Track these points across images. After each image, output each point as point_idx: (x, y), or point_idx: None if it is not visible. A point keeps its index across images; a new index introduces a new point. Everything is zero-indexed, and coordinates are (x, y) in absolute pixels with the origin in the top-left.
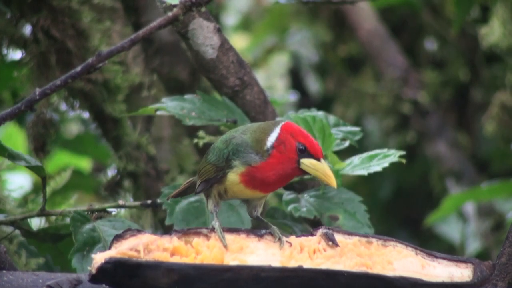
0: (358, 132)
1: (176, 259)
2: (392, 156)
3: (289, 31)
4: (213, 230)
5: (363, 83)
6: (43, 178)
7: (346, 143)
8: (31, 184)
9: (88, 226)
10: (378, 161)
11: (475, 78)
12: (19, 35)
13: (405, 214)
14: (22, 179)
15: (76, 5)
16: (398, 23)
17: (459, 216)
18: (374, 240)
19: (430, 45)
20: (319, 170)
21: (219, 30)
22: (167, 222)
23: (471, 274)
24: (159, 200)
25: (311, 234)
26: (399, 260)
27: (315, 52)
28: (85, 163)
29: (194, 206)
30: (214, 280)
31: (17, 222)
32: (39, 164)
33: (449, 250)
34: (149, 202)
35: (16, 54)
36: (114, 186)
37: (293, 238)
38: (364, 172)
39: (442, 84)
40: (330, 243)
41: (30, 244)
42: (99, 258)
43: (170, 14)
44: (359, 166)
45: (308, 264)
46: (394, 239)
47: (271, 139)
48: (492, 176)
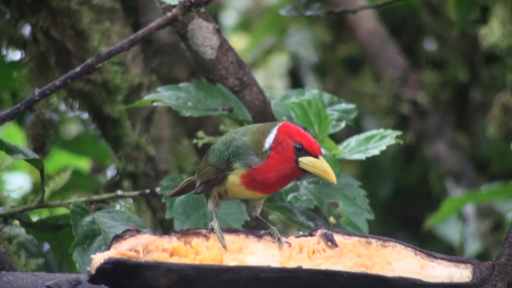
0: (353, 109)
1: (175, 260)
2: (389, 137)
3: (288, 32)
4: (212, 230)
5: (363, 84)
6: (41, 171)
7: (342, 124)
8: (31, 184)
9: (87, 219)
10: (375, 143)
11: (475, 79)
12: (19, 36)
13: (404, 214)
14: (21, 180)
15: (75, 5)
16: (397, 24)
17: (459, 216)
18: (373, 240)
19: (430, 45)
20: (318, 167)
21: (218, 31)
22: (167, 215)
23: (471, 274)
24: (159, 192)
25: (311, 235)
26: (399, 260)
27: (314, 52)
28: (84, 164)
29: (194, 198)
30: (213, 280)
31: (16, 214)
32: (37, 156)
33: (448, 251)
34: (147, 191)
35: (15, 55)
36: (113, 186)
37: (292, 239)
38: (361, 156)
39: (442, 84)
40: (329, 244)
41: (29, 233)
42: (98, 259)
43: (169, 14)
44: (356, 149)
45: (307, 264)
46: (394, 240)
47: (269, 141)
48: (491, 176)
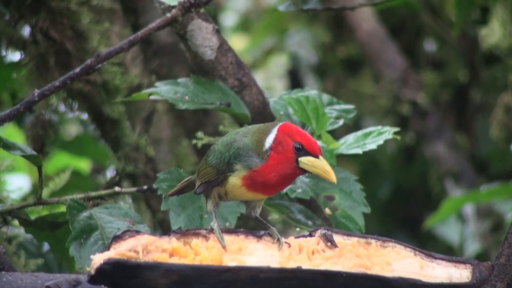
0: (352, 110)
1: (175, 260)
2: (386, 133)
3: (288, 32)
4: (212, 231)
5: (362, 84)
6: (39, 167)
7: (340, 122)
8: (30, 185)
9: (84, 214)
10: (373, 138)
11: (475, 79)
12: (18, 37)
13: (404, 214)
14: (21, 181)
15: (75, 6)
16: (397, 24)
17: (458, 217)
18: (373, 241)
19: (430, 46)
20: (318, 167)
21: (218, 31)
22: (163, 207)
23: (470, 275)
24: (155, 185)
25: (310, 235)
26: (398, 261)
27: (314, 53)
28: (84, 164)
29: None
30: (213, 281)
31: (14, 211)
32: (34, 153)
33: (448, 251)
34: (145, 187)
35: (15, 56)
36: (113, 187)
37: (292, 239)
38: (359, 151)
39: (441, 85)
40: (329, 244)
41: (28, 232)
42: (98, 259)
43: (169, 15)
44: (354, 144)
45: (307, 265)
46: (393, 240)
47: (269, 141)
48: (491, 177)
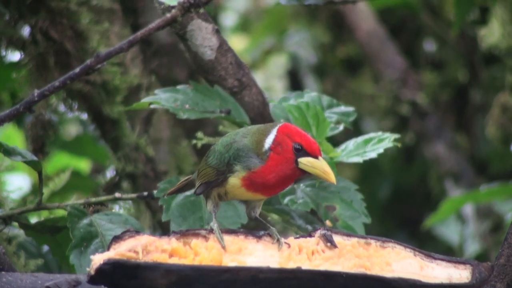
0: (352, 112)
1: (174, 260)
2: (387, 140)
3: (287, 32)
4: (211, 231)
5: (362, 84)
6: (39, 173)
7: (341, 127)
8: (30, 185)
9: (85, 221)
10: (373, 146)
11: (474, 79)
12: (18, 37)
13: (403, 215)
14: (20, 180)
15: (74, 6)
16: (397, 24)
17: (458, 217)
18: (372, 241)
19: (429, 46)
20: (318, 168)
21: (218, 31)
22: (164, 218)
23: (470, 275)
24: (156, 195)
25: (310, 236)
26: (398, 261)
27: (314, 53)
28: (84, 164)
29: (191, 201)
30: (213, 281)
31: (14, 216)
32: (35, 158)
33: (447, 252)
34: (145, 194)
35: (14, 56)
36: (112, 187)
37: (291, 239)
38: (359, 159)
39: (441, 85)
40: (329, 245)
41: (28, 236)
42: (98, 259)
43: (169, 15)
44: (354, 152)
45: (306, 265)
46: (393, 241)
47: (269, 141)
48: (490, 177)
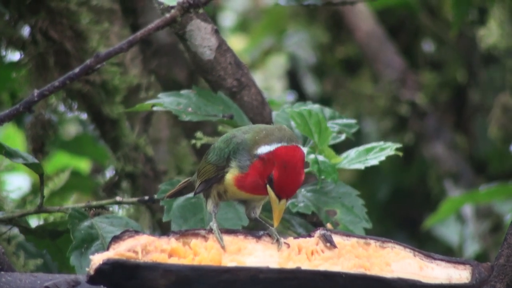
0: (354, 124)
1: (174, 261)
2: (388, 149)
3: (286, 33)
4: (211, 231)
5: (361, 85)
6: (41, 175)
7: (342, 136)
8: (30, 185)
9: (86, 223)
10: (375, 154)
11: (473, 80)
12: (18, 37)
13: (403, 215)
14: (20, 180)
15: (74, 6)
16: (395, 25)
17: (458, 217)
18: (372, 241)
19: (428, 46)
20: (273, 206)
21: (217, 32)
22: (165, 219)
23: (470, 275)
24: (157, 196)
25: (309, 236)
26: (397, 261)
27: (313, 53)
28: (83, 164)
29: (192, 203)
30: (212, 281)
31: (15, 219)
32: (36, 161)
33: (447, 252)
34: (146, 198)
35: (14, 56)
36: (112, 187)
37: (291, 240)
38: (361, 166)
39: (440, 85)
40: (328, 245)
41: (29, 241)
42: (97, 259)
43: (168, 15)
44: (356, 159)
45: (306, 265)
46: (392, 241)
47: (263, 150)
48: (490, 177)
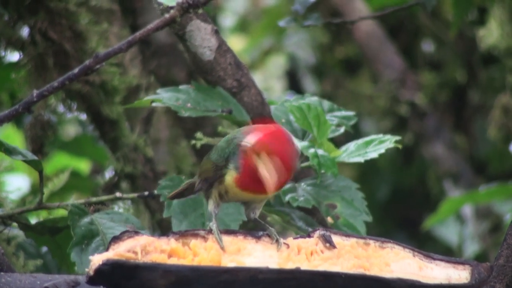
0: (352, 116)
1: (173, 261)
2: (388, 141)
3: (286, 33)
4: (210, 231)
5: (360, 85)
6: (40, 172)
7: (341, 129)
8: (29, 186)
9: (86, 219)
10: (374, 147)
11: (473, 80)
12: (17, 37)
13: (402, 215)
14: (20, 181)
15: (73, 7)
16: (395, 25)
17: (457, 218)
18: (371, 241)
19: (428, 46)
20: (262, 173)
21: (217, 32)
22: (165, 215)
23: (469, 276)
24: (157, 192)
25: (309, 236)
26: (397, 261)
27: (312, 53)
28: (83, 165)
29: (192, 198)
30: (212, 282)
31: (14, 216)
32: (36, 158)
33: (446, 252)
34: (146, 193)
35: (13, 56)
36: (111, 187)
37: (290, 240)
38: (360, 159)
39: (440, 85)
40: (328, 245)
41: (28, 237)
42: (97, 260)
43: (167, 15)
44: (355, 152)
45: (305, 265)
46: (392, 241)
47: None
48: (489, 177)
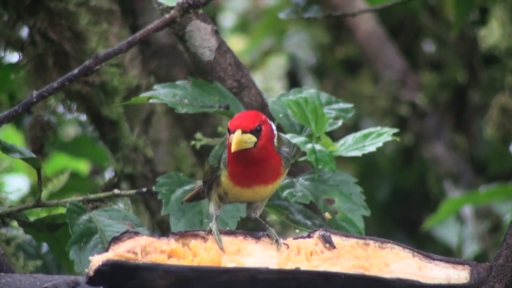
0: (350, 109)
1: (173, 261)
2: (386, 134)
3: (286, 33)
4: (210, 232)
5: (361, 85)
6: (38, 170)
7: (339, 123)
8: (29, 186)
9: (84, 217)
10: (372, 140)
11: (473, 80)
12: (16, 38)
13: (402, 216)
14: (19, 181)
15: (73, 7)
16: (396, 25)
17: (457, 218)
18: (371, 242)
19: (428, 47)
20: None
21: (217, 32)
22: (163, 212)
23: (468, 276)
24: (155, 189)
25: (308, 236)
26: (396, 262)
27: (313, 54)
28: (82, 166)
29: None
30: (211, 282)
31: (13, 213)
32: (34, 155)
33: (446, 252)
34: (144, 190)
35: (13, 57)
36: (111, 188)
37: (290, 240)
38: (358, 153)
39: (440, 86)
40: (327, 245)
41: (27, 233)
42: (97, 260)
43: (167, 16)
44: (353, 146)
45: (305, 266)
46: (391, 241)
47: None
48: (489, 178)
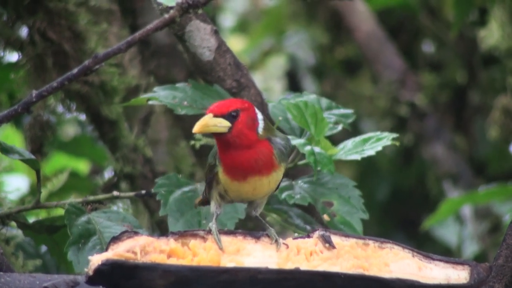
0: (350, 114)
1: (173, 261)
2: (385, 139)
3: (286, 33)
4: (209, 232)
5: (360, 86)
6: (37, 171)
7: (339, 127)
8: (28, 186)
9: (83, 219)
10: (372, 144)
11: (473, 81)
12: (16, 37)
13: (402, 216)
14: (19, 182)
15: (72, 7)
16: (395, 25)
17: (456, 218)
18: (370, 242)
19: (428, 47)
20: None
21: (216, 32)
22: (161, 213)
23: (468, 276)
24: (154, 190)
25: (308, 236)
26: (396, 262)
27: (312, 54)
28: (82, 165)
29: (188, 196)
30: (211, 282)
31: (12, 215)
32: (33, 157)
33: (446, 253)
34: (143, 192)
35: (12, 56)
36: (111, 188)
37: (290, 240)
38: (357, 157)
39: (440, 86)
40: (327, 245)
41: (26, 236)
42: (96, 260)
43: (167, 16)
44: (352, 150)
45: (305, 266)
46: (391, 241)
47: None
48: (489, 178)
